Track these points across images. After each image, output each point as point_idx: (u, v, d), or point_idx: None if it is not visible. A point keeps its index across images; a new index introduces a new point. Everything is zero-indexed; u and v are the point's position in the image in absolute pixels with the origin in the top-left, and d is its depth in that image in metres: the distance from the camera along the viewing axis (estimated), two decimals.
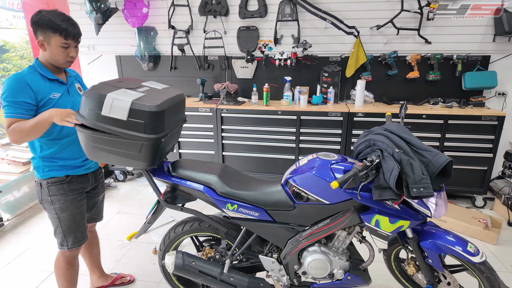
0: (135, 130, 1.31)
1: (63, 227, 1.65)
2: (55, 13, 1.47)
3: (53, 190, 1.60)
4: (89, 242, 1.98)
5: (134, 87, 1.43)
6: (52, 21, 1.44)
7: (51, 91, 1.52)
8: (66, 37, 1.47)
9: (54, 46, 1.48)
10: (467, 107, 3.07)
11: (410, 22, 3.19)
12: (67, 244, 1.67)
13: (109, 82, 1.45)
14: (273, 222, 1.55)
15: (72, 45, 1.52)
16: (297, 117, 3.14)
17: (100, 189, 1.87)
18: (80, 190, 1.68)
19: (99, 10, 3.38)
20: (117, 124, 1.30)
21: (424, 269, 1.57)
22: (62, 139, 1.59)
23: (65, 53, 1.51)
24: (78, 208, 1.66)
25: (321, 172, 1.44)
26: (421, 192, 1.24)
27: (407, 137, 1.42)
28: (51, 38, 1.46)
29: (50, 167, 1.59)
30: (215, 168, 1.62)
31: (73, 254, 1.73)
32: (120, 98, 1.29)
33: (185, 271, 1.59)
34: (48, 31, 1.45)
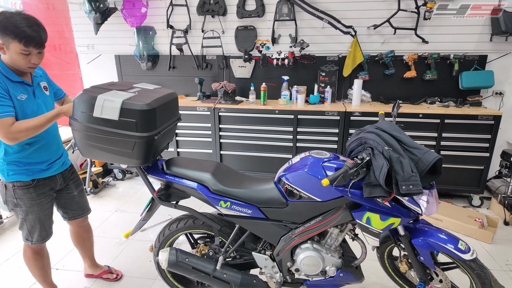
0: (128, 129, 1.33)
1: (28, 226, 1.66)
2: (20, 16, 1.37)
3: (19, 193, 1.58)
4: (80, 237, 2.01)
5: (125, 89, 1.45)
6: (14, 25, 1.34)
7: (18, 92, 1.48)
8: (26, 45, 1.38)
9: (13, 52, 1.39)
10: (464, 106, 3.08)
11: (407, 21, 3.19)
12: (31, 240, 1.70)
13: (100, 85, 1.46)
14: (266, 219, 1.57)
15: (34, 52, 1.43)
16: (294, 116, 3.16)
17: (73, 185, 1.84)
18: (48, 192, 1.67)
19: (98, 10, 3.40)
20: (109, 124, 1.33)
21: (416, 267, 1.58)
22: (33, 142, 1.57)
23: (26, 59, 1.42)
24: (44, 211, 1.67)
25: (313, 170, 1.46)
26: (410, 190, 1.25)
27: (398, 135, 1.44)
28: (10, 44, 1.37)
29: (15, 170, 1.56)
30: (208, 166, 1.64)
31: (40, 246, 1.76)
32: (111, 98, 1.31)
33: (178, 268, 1.60)
34: (7, 36, 1.36)
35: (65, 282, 2.16)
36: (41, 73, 1.69)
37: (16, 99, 1.47)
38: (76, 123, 1.37)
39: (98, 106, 1.31)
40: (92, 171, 3.47)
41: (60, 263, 2.34)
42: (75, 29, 3.85)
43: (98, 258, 2.23)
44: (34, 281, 2.17)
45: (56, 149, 1.71)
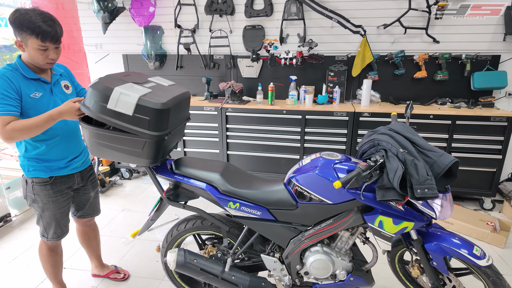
0: (139, 126, 1.31)
1: (44, 223, 1.68)
2: (34, 12, 1.38)
3: (37, 189, 1.60)
4: (87, 235, 2.02)
5: (140, 82, 1.42)
6: (31, 21, 1.35)
7: (32, 90, 1.48)
8: (43, 40, 1.39)
9: (31, 48, 1.41)
10: (475, 107, 3.02)
11: (418, 21, 3.14)
12: (47, 236, 1.72)
13: (115, 75, 1.43)
14: (275, 221, 1.55)
15: (51, 47, 1.44)
16: (302, 117, 3.13)
17: (90, 186, 1.86)
18: (65, 190, 1.68)
19: (106, 9, 3.41)
20: (121, 118, 1.30)
21: (429, 272, 1.54)
22: (48, 140, 1.57)
23: (43, 55, 1.43)
24: (60, 209, 1.68)
25: (324, 172, 1.43)
26: (425, 193, 1.22)
27: (412, 137, 1.40)
28: (28, 40, 1.39)
29: (35, 167, 1.58)
30: (217, 166, 1.62)
31: (55, 243, 1.78)
32: (127, 93, 1.28)
33: (186, 269, 1.59)
34: (24, 33, 1.37)
35: (73, 281, 2.16)
36: (62, 71, 1.68)
37: (29, 97, 1.47)
38: (87, 110, 1.33)
39: (113, 99, 1.28)
40: (99, 170, 3.48)
41: (67, 262, 2.34)
42: (84, 28, 3.86)
43: (105, 258, 2.23)
44: (42, 279, 2.18)
45: (75, 147, 1.70)
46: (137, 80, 1.44)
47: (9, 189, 2.88)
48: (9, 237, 2.70)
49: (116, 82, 1.33)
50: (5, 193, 2.84)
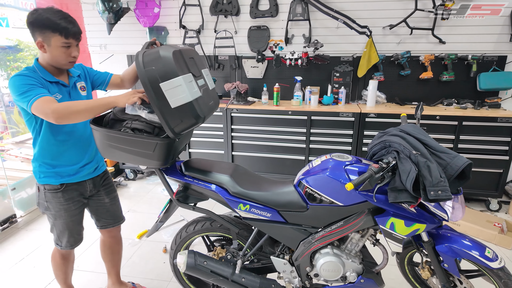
0: (166, 119, 1.28)
1: (57, 231, 1.66)
2: (52, 11, 1.36)
3: (49, 196, 1.58)
4: (110, 249, 1.93)
5: (197, 75, 1.37)
6: (51, 20, 1.34)
7: (53, 91, 1.46)
8: (66, 37, 1.38)
9: (54, 47, 1.38)
10: (482, 108, 3.01)
11: (424, 21, 3.13)
12: (61, 244, 1.70)
13: (185, 52, 1.34)
14: (285, 223, 1.54)
15: (74, 44, 1.43)
16: (307, 117, 3.12)
17: (103, 193, 1.78)
18: (76, 198, 1.63)
19: (111, 10, 3.41)
20: (159, 102, 1.25)
21: (440, 274, 1.53)
22: (60, 143, 1.53)
23: (66, 53, 1.42)
24: (72, 217, 1.64)
25: (335, 174, 1.42)
26: (439, 195, 1.21)
27: (424, 139, 1.40)
28: (51, 39, 1.37)
29: (46, 173, 1.55)
30: (227, 168, 1.61)
31: (68, 252, 1.76)
32: (185, 89, 1.23)
33: (196, 271, 1.58)
34: (46, 31, 1.35)
35: (81, 282, 2.16)
36: (79, 72, 1.64)
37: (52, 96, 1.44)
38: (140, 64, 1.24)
39: (171, 84, 1.22)
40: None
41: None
42: (88, 29, 3.87)
43: None
44: (50, 281, 2.18)
45: (87, 152, 1.64)
46: (195, 70, 1.39)
47: (14, 190, 2.88)
48: (15, 238, 2.70)
49: (182, 66, 1.26)
50: (10, 194, 2.84)
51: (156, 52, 1.24)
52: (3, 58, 5.29)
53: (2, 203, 2.79)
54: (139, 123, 1.39)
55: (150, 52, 1.27)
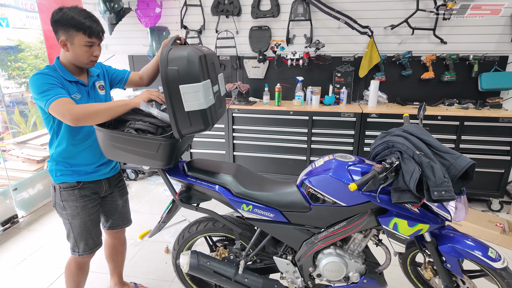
0: (176, 121, 1.30)
1: (75, 233, 1.61)
2: (77, 10, 1.37)
3: (65, 195, 1.56)
4: (115, 249, 1.92)
5: (214, 81, 1.38)
6: (75, 19, 1.34)
7: (73, 91, 1.46)
8: (90, 36, 1.38)
9: (78, 45, 1.39)
10: (483, 108, 3.01)
11: (425, 21, 3.13)
12: (78, 250, 1.63)
13: (208, 57, 1.34)
14: (288, 223, 1.54)
15: (96, 43, 1.43)
16: (309, 118, 3.12)
17: (117, 194, 1.78)
18: (92, 196, 1.62)
19: (112, 10, 3.41)
20: (174, 102, 1.25)
21: (442, 274, 1.53)
22: (79, 142, 1.53)
23: (89, 52, 1.42)
24: (90, 215, 1.61)
25: (338, 174, 1.42)
26: (442, 196, 1.21)
27: (427, 139, 1.40)
28: (75, 38, 1.37)
29: (62, 171, 1.54)
30: (229, 168, 1.62)
31: (85, 260, 1.70)
32: (202, 96, 1.24)
33: (199, 271, 1.58)
34: (71, 30, 1.36)
35: None
36: (98, 72, 1.63)
37: (71, 96, 1.43)
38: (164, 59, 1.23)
39: (191, 88, 1.22)
40: None
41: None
42: None
43: None
44: (52, 281, 2.18)
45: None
46: (214, 76, 1.39)
47: (16, 191, 2.88)
48: (17, 239, 2.70)
49: (204, 72, 1.26)
50: (12, 194, 2.84)
51: (182, 53, 1.23)
52: (4, 59, 5.30)
53: (4, 203, 2.79)
54: (142, 123, 1.39)
55: (176, 51, 1.25)
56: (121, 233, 1.92)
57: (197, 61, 1.22)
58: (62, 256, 2.44)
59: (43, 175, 3.17)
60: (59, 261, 2.39)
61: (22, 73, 5.41)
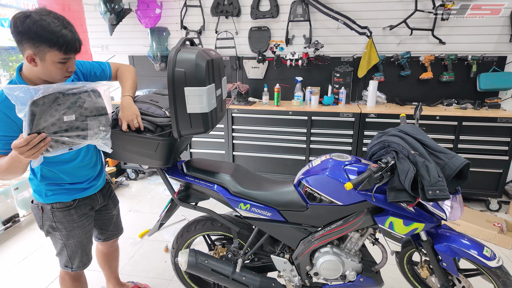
0: (177, 123, 1.31)
1: (68, 252, 1.49)
2: (50, 18, 1.08)
3: (59, 216, 1.40)
4: (109, 257, 1.86)
5: (217, 85, 1.39)
6: (48, 31, 1.07)
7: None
8: (67, 52, 1.12)
9: (50, 62, 1.12)
10: (482, 108, 3.02)
11: (424, 22, 3.15)
12: (71, 267, 1.53)
13: (215, 62, 1.33)
14: (286, 222, 1.55)
15: (72, 57, 1.19)
16: (308, 118, 3.14)
17: (112, 204, 1.70)
18: (88, 213, 1.51)
19: (113, 11, 3.43)
20: (177, 104, 1.27)
21: (438, 273, 1.55)
22: (69, 162, 1.36)
23: (63, 68, 1.17)
24: (86, 233, 1.52)
25: (335, 173, 1.44)
26: (436, 195, 1.23)
27: (423, 139, 1.41)
28: (47, 54, 1.10)
29: (54, 191, 1.37)
30: (228, 168, 1.63)
31: (79, 273, 1.61)
32: (206, 100, 1.26)
33: (197, 269, 1.60)
34: (42, 45, 1.08)
35: None
36: (72, 79, 1.38)
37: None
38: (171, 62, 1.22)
39: (195, 91, 1.23)
40: (105, 171, 3.50)
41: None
42: (90, 30, 3.89)
43: None
44: (52, 279, 2.20)
45: (96, 163, 1.53)
46: (218, 80, 1.40)
47: (17, 190, 2.90)
48: (17, 238, 2.72)
49: (210, 77, 1.28)
50: (13, 194, 2.86)
51: (190, 56, 1.23)
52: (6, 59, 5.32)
53: (5, 202, 2.81)
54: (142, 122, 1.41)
55: (185, 53, 1.24)
56: (115, 241, 1.87)
57: (204, 66, 1.23)
58: None
59: None
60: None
61: None
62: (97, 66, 1.51)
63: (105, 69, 1.54)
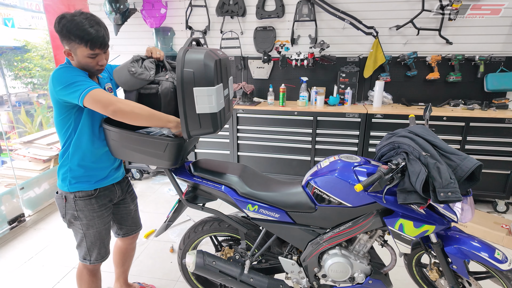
0: (187, 124, 1.32)
1: (88, 243, 1.56)
2: (80, 18, 1.27)
3: (81, 205, 1.48)
4: (126, 254, 1.89)
5: (225, 85, 1.39)
6: (77, 29, 1.25)
7: None
8: (92, 48, 1.30)
9: (81, 56, 1.32)
10: (489, 109, 2.99)
11: (431, 22, 3.12)
12: (89, 259, 1.59)
13: (223, 62, 1.34)
14: (294, 224, 1.54)
15: (100, 53, 1.35)
16: (313, 118, 3.12)
17: (129, 199, 1.76)
18: (108, 204, 1.58)
19: (118, 11, 3.44)
20: (187, 104, 1.27)
21: (448, 275, 1.53)
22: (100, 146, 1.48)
23: (93, 62, 1.35)
24: (105, 224, 1.58)
25: (344, 175, 1.42)
26: (448, 197, 1.21)
27: (433, 140, 1.39)
28: (77, 49, 1.30)
29: (78, 179, 1.46)
30: (235, 169, 1.62)
31: (96, 267, 1.66)
32: (214, 100, 1.26)
33: (205, 271, 1.59)
34: (72, 42, 1.28)
35: None
36: (106, 75, 1.58)
37: None
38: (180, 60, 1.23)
39: (204, 91, 1.23)
40: None
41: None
42: None
43: None
44: (59, 279, 2.20)
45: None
46: (225, 80, 1.41)
47: (22, 190, 2.91)
48: (23, 237, 2.73)
49: (218, 77, 1.28)
50: (19, 193, 2.87)
51: (199, 56, 1.23)
52: (11, 59, 5.35)
53: (11, 202, 2.82)
54: None
55: (193, 53, 1.25)
56: (134, 239, 1.89)
57: (213, 66, 1.23)
58: (69, 255, 2.47)
59: (49, 174, 3.20)
60: (66, 260, 2.41)
61: (29, 73, 5.46)
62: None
63: None
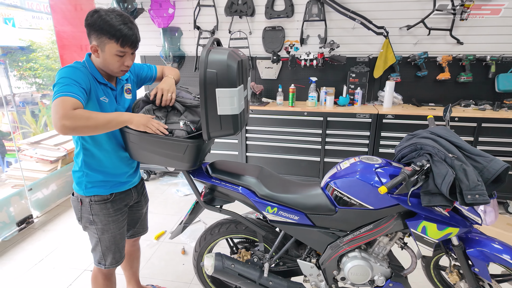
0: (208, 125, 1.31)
1: (102, 247, 1.53)
2: (113, 14, 1.24)
3: (96, 209, 1.45)
4: (131, 256, 1.87)
5: (245, 86, 1.38)
6: (109, 24, 1.22)
7: (101, 94, 1.35)
8: (123, 45, 1.26)
9: (108, 53, 1.27)
10: (501, 109, 2.97)
11: (442, 22, 3.10)
12: (104, 263, 1.56)
13: (244, 63, 1.32)
14: (313, 226, 1.52)
15: (129, 52, 1.32)
16: (323, 119, 3.10)
17: (143, 202, 1.75)
18: (123, 208, 1.55)
19: (126, 11, 3.42)
20: (207, 104, 1.26)
21: (469, 278, 1.51)
22: (116, 151, 1.45)
23: (120, 61, 1.30)
24: (120, 229, 1.55)
25: (366, 176, 1.40)
26: (476, 199, 1.19)
27: (457, 142, 1.37)
28: (106, 45, 1.26)
29: (94, 183, 1.43)
30: (253, 170, 1.61)
31: (111, 271, 1.64)
32: (236, 102, 1.26)
33: (224, 274, 1.57)
34: (103, 37, 1.24)
35: None
36: (127, 76, 1.54)
37: (99, 99, 1.34)
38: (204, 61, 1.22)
39: (226, 92, 1.22)
40: None
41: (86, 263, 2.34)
42: None
43: None
44: (71, 281, 2.18)
45: (133, 160, 1.56)
46: (245, 81, 1.39)
47: (31, 191, 2.90)
48: (32, 239, 2.71)
49: (240, 78, 1.26)
50: (27, 195, 2.86)
51: (222, 57, 1.22)
52: (16, 59, 5.34)
53: (19, 203, 2.81)
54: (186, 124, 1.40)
55: (216, 54, 1.23)
56: (137, 240, 1.88)
57: (236, 67, 1.22)
58: (79, 257, 2.45)
59: (56, 175, 3.19)
60: (77, 262, 2.39)
61: (34, 73, 5.44)
62: (145, 67, 1.67)
63: (151, 70, 1.68)
